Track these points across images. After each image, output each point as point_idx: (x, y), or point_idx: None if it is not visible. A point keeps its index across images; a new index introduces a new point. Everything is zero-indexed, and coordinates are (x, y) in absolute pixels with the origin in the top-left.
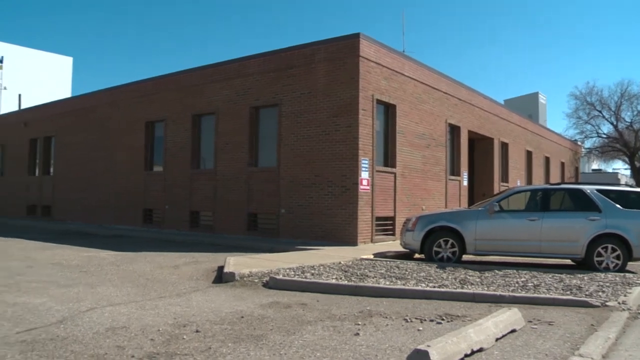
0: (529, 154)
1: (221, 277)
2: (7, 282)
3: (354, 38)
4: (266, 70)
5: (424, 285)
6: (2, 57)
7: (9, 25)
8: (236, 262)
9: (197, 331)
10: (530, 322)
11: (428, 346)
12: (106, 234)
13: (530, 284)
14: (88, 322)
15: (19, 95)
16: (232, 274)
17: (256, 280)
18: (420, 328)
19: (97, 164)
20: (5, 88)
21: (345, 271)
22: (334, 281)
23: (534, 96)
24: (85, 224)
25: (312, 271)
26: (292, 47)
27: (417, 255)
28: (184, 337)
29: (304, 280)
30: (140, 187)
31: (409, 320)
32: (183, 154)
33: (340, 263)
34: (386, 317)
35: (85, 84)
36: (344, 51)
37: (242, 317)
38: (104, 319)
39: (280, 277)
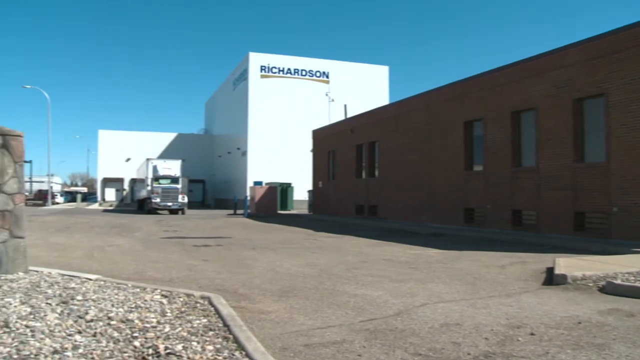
0: None
1: (551, 278)
2: (346, 275)
3: None
4: (587, 59)
5: None
6: (329, 72)
7: (332, 44)
8: (567, 264)
9: (531, 334)
10: None
11: None
12: (426, 232)
13: None
14: (422, 317)
15: (345, 106)
16: (563, 276)
17: (590, 284)
18: None
19: (414, 165)
20: (332, 100)
21: None
22: None
23: None
24: (405, 222)
25: None
26: (617, 30)
27: None
28: (519, 338)
29: None
30: (459, 187)
31: None
32: (503, 152)
33: None
34: None
35: (401, 91)
36: None
37: (579, 322)
38: (437, 315)
39: (619, 282)
